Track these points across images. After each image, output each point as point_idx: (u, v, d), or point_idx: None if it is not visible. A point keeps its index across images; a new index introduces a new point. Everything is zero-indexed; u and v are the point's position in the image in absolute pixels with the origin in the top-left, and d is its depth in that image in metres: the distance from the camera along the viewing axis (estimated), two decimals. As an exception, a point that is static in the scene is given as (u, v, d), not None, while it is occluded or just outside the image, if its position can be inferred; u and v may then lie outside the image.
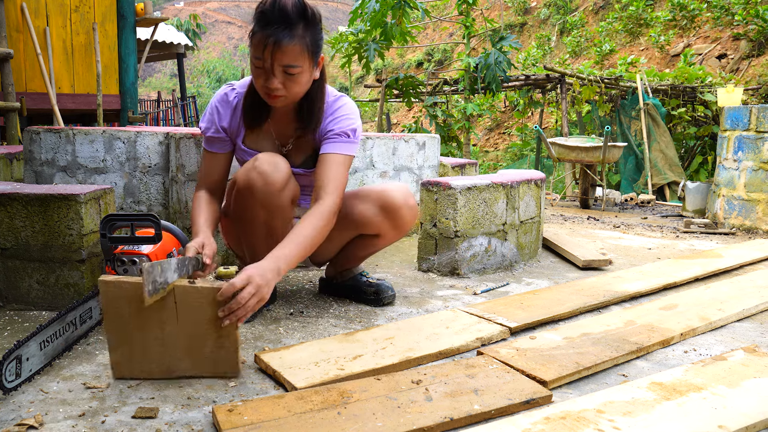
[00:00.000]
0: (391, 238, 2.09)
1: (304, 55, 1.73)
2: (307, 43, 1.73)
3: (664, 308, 2.12)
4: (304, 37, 1.72)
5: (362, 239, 2.10)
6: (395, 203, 1.99)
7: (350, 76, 10.85)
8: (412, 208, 2.04)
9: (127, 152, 2.63)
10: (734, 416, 1.31)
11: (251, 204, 1.82)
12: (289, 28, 1.68)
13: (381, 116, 8.53)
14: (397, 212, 2.00)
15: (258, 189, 1.79)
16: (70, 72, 5.86)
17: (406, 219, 2.03)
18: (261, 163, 1.79)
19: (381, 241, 2.10)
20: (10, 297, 1.96)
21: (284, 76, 1.73)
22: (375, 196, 2.01)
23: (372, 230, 2.04)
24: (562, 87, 8.08)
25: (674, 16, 12.55)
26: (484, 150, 14.33)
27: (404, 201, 2.01)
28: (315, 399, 1.34)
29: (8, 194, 1.91)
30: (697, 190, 5.11)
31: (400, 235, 2.08)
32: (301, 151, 1.98)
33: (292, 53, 1.69)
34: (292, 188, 1.88)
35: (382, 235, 2.06)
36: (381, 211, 2.00)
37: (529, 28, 17.53)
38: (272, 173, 1.79)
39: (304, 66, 1.75)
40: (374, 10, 6.46)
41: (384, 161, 3.15)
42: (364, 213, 2.00)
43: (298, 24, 1.70)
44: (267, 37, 1.67)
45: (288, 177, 1.84)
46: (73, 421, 1.27)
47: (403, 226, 2.04)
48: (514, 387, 1.44)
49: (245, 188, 1.81)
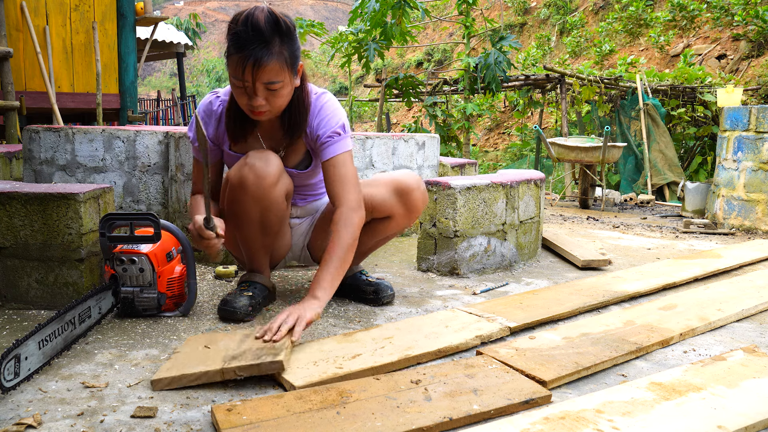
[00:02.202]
0: (401, 222, 2.10)
1: (284, 70, 1.74)
2: (285, 57, 1.73)
3: (663, 308, 2.12)
4: (282, 52, 1.72)
5: (371, 225, 2.09)
6: (409, 186, 2.04)
7: (350, 75, 10.83)
8: (424, 192, 2.09)
9: (126, 151, 2.62)
10: (733, 416, 1.30)
11: (244, 200, 1.83)
12: (265, 45, 1.68)
13: (381, 116, 8.53)
14: (411, 194, 2.04)
15: (250, 184, 1.80)
16: (69, 71, 5.86)
17: (418, 202, 2.06)
18: (252, 159, 1.81)
19: (390, 226, 2.10)
20: (9, 296, 1.96)
21: (266, 92, 1.74)
22: (387, 180, 2.06)
23: (384, 212, 2.05)
24: (562, 87, 8.08)
25: (674, 17, 12.55)
26: (484, 150, 14.33)
27: (417, 185, 2.06)
28: (314, 398, 1.34)
29: (7, 193, 1.91)
30: (697, 191, 5.11)
31: (410, 218, 2.09)
32: (293, 154, 1.99)
33: (272, 71, 1.70)
34: (285, 183, 1.89)
35: (393, 218, 2.07)
36: (395, 193, 2.03)
37: (528, 28, 17.52)
38: (263, 168, 1.80)
39: (285, 80, 1.75)
40: (374, 10, 6.46)
41: (384, 161, 3.15)
42: (376, 196, 2.03)
43: (274, 39, 1.70)
44: (245, 59, 1.67)
45: (280, 172, 1.85)
46: (71, 421, 1.27)
47: (415, 210, 2.07)
48: (514, 387, 1.44)
49: (238, 184, 1.82)
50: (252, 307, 1.93)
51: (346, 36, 7.38)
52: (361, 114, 18.35)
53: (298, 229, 2.15)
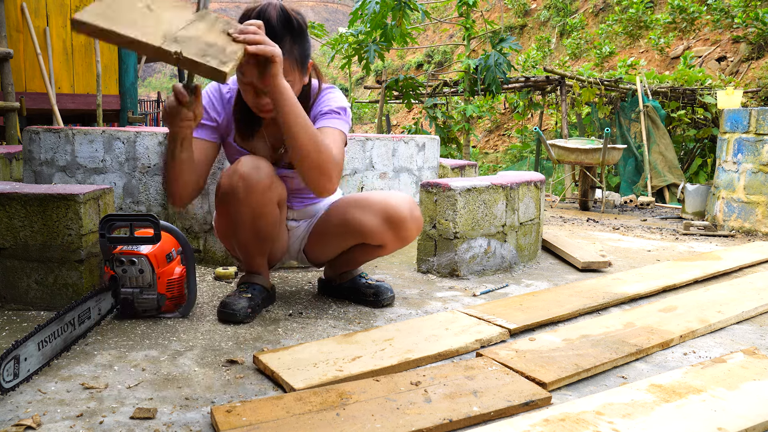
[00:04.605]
0: (394, 249, 2.04)
1: (294, 68, 1.72)
2: (296, 56, 1.71)
3: (663, 310, 2.12)
4: (292, 51, 1.70)
5: (364, 247, 2.06)
6: (400, 215, 1.91)
7: (350, 77, 10.84)
8: (417, 219, 1.97)
9: (126, 152, 2.62)
10: (733, 418, 1.30)
11: (236, 207, 1.81)
12: (276, 43, 1.61)
13: (381, 117, 8.53)
14: (402, 224, 1.93)
15: (240, 191, 1.77)
16: (69, 72, 5.86)
17: (411, 231, 1.96)
18: (242, 166, 1.78)
19: (383, 251, 2.06)
20: (9, 297, 1.95)
21: None
22: (378, 206, 1.93)
23: (375, 241, 1.98)
24: (562, 89, 8.08)
25: (674, 19, 12.56)
26: (484, 152, 14.34)
27: (410, 213, 1.93)
28: (314, 400, 1.34)
29: (7, 194, 1.91)
30: (697, 193, 5.12)
31: (403, 245, 2.03)
32: None
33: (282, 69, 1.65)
34: (277, 189, 1.87)
35: (385, 246, 2.01)
36: (385, 222, 1.92)
37: (529, 30, 17.54)
38: (254, 175, 1.77)
39: (294, 78, 1.73)
40: (374, 12, 6.46)
41: (384, 162, 3.15)
42: (367, 224, 1.93)
43: (285, 38, 1.67)
44: None
45: (271, 178, 1.82)
46: (71, 422, 1.26)
47: (407, 238, 1.99)
48: (514, 389, 1.43)
49: (229, 192, 1.79)
50: (251, 309, 1.92)
51: (347, 37, 7.38)
52: (361, 116, 18.35)
53: (295, 232, 2.13)
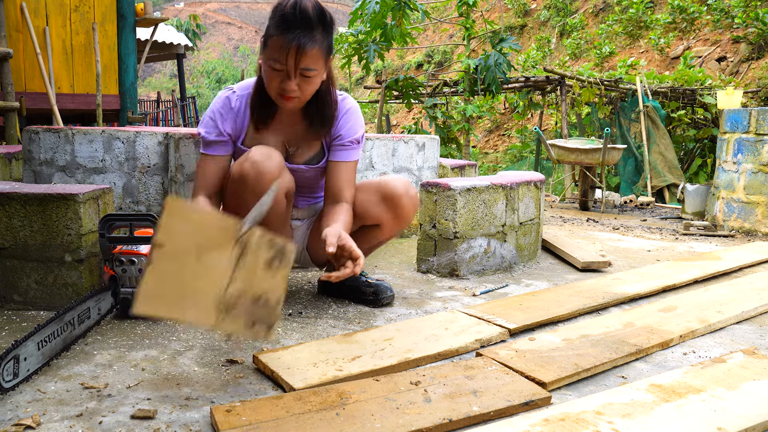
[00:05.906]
0: (392, 229, 2.09)
1: (322, 59, 1.78)
2: (324, 48, 1.78)
3: (663, 310, 2.12)
4: (323, 42, 1.76)
5: (362, 232, 2.10)
6: (396, 192, 2.02)
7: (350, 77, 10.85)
8: (413, 198, 2.05)
9: (126, 152, 2.62)
10: (733, 418, 1.30)
11: (244, 195, 1.83)
12: (310, 32, 1.72)
13: (381, 117, 8.53)
14: (398, 201, 2.02)
15: (250, 179, 1.80)
16: (69, 72, 5.86)
17: (406, 208, 2.04)
18: (253, 155, 1.82)
19: (381, 232, 2.10)
20: (8, 296, 1.95)
21: (300, 79, 1.77)
22: (375, 186, 2.05)
23: (372, 220, 2.05)
24: (562, 89, 8.08)
25: (674, 19, 12.56)
26: (484, 152, 14.33)
27: (405, 190, 2.03)
28: (313, 400, 1.34)
29: (7, 194, 1.91)
30: (697, 193, 5.11)
31: (400, 225, 2.08)
32: (307, 149, 2.00)
33: (313, 57, 1.74)
34: (285, 180, 1.90)
35: (383, 225, 2.07)
36: (382, 200, 2.02)
37: (529, 30, 17.54)
38: (264, 163, 1.80)
39: (319, 69, 1.80)
40: (374, 12, 6.46)
41: (384, 162, 3.15)
42: (365, 203, 2.03)
43: (318, 28, 1.74)
44: (289, 42, 1.70)
45: (281, 168, 1.86)
46: (70, 422, 1.26)
47: (403, 216, 2.05)
48: (513, 388, 1.43)
49: (238, 179, 1.82)
50: (251, 308, 1.93)
51: (346, 37, 7.38)
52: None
53: (298, 231, 2.15)
